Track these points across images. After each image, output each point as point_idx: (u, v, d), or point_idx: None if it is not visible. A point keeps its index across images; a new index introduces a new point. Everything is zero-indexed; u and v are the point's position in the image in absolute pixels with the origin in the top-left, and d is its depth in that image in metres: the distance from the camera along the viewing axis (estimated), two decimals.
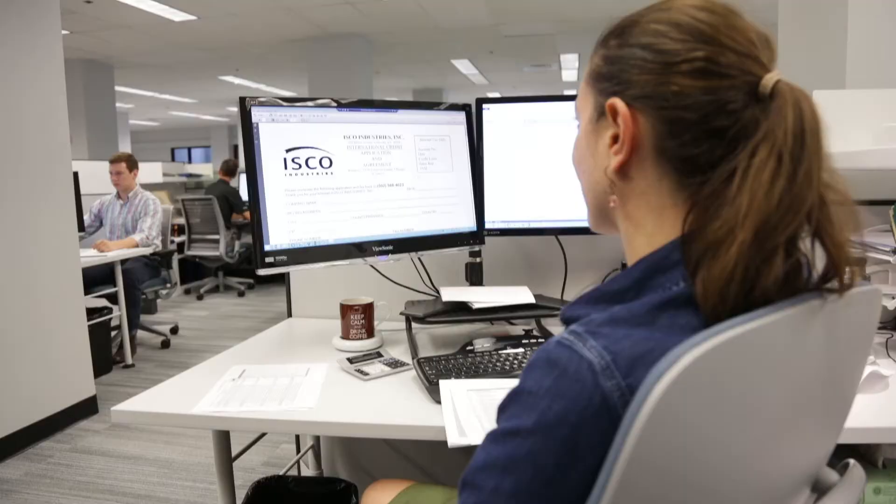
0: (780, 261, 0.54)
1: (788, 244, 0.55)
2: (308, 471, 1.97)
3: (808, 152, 0.54)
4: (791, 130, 0.54)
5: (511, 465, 0.53)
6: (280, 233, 1.33)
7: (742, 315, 0.52)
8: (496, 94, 14.03)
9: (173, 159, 19.93)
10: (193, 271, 6.87)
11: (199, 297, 6.40)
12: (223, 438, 1.40)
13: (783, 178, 0.53)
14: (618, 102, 0.61)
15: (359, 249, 1.43)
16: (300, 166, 1.36)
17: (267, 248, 1.32)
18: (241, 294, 6.51)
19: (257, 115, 1.33)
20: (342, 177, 1.41)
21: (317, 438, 1.96)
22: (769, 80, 0.56)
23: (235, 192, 6.56)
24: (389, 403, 1.20)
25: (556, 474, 0.51)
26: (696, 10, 0.59)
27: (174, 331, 4.88)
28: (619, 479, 0.48)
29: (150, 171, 7.23)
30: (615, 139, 0.62)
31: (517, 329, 1.70)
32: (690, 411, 0.49)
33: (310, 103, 1.39)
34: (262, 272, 1.33)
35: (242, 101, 1.32)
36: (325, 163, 1.39)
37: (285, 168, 1.34)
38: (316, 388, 1.26)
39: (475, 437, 1.01)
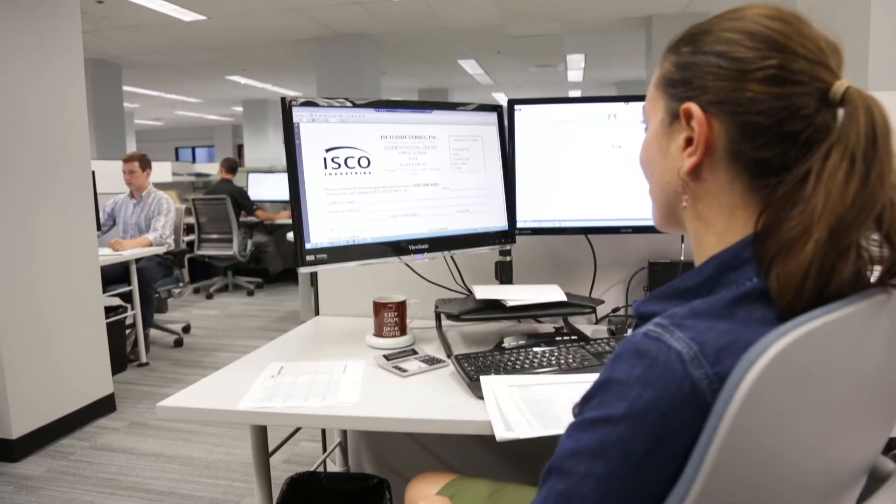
0: (852, 258, 0.57)
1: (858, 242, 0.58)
2: (334, 467, 2.00)
3: (880, 154, 0.57)
4: (863, 134, 0.57)
5: (602, 450, 0.55)
6: (320, 231, 1.35)
7: (817, 309, 0.55)
8: (501, 95, 14.05)
9: (177, 159, 19.97)
10: (202, 270, 6.90)
11: (209, 297, 6.43)
12: (261, 434, 1.42)
13: (857, 179, 0.56)
14: (693, 107, 0.63)
15: (396, 248, 1.46)
16: (339, 165, 1.38)
17: (308, 246, 1.34)
18: (250, 293, 6.53)
19: (298, 115, 1.35)
20: (380, 176, 1.43)
21: (344, 435, 1.98)
22: (840, 86, 0.59)
23: (243, 191, 6.58)
24: (431, 399, 1.22)
25: (644, 460, 0.54)
26: (767, 20, 0.61)
27: (186, 329, 4.91)
28: (711, 464, 0.51)
29: (159, 171, 7.24)
30: (688, 142, 0.65)
31: (545, 327, 1.72)
32: (777, 399, 0.52)
33: (348, 104, 1.42)
34: (303, 270, 1.35)
35: (284, 101, 1.34)
36: (364, 162, 1.41)
37: (325, 167, 1.37)
38: (356, 385, 1.28)
39: (522, 430, 1.03)
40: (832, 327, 0.54)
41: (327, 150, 1.37)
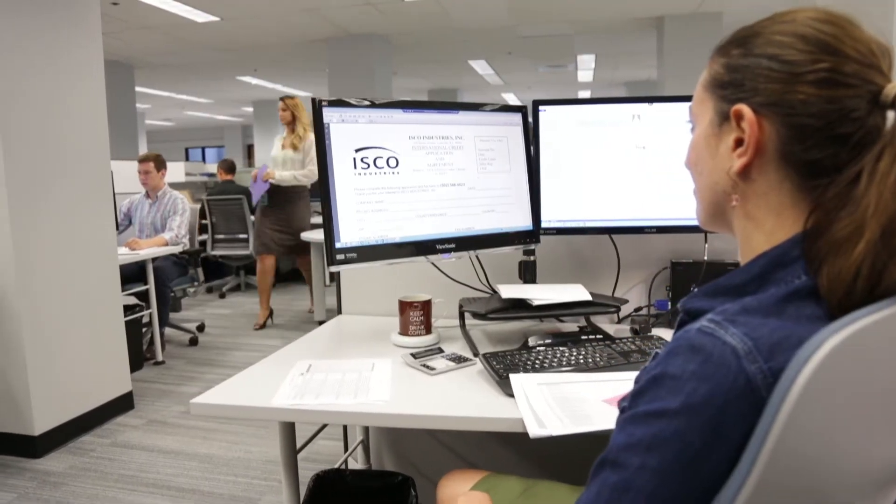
0: None
1: None
2: (356, 465, 2.01)
3: None
4: None
5: (657, 443, 0.56)
6: (350, 230, 1.37)
7: (868, 306, 0.56)
8: (510, 95, 14.05)
9: (187, 159, 20.06)
10: (215, 270, 6.93)
11: (222, 296, 6.46)
12: (289, 431, 1.43)
13: None
14: (744, 109, 0.64)
15: (423, 247, 1.47)
16: (368, 166, 1.40)
17: (338, 245, 1.36)
18: None
19: (328, 115, 1.37)
20: (407, 176, 1.44)
21: (366, 433, 2.00)
22: (891, 89, 0.60)
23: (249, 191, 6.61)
24: (461, 397, 1.24)
25: (699, 453, 0.55)
26: (818, 23, 0.62)
27: (201, 328, 4.94)
28: (767, 457, 0.52)
29: (172, 171, 7.28)
30: (738, 143, 0.66)
31: (567, 326, 1.74)
32: (831, 394, 0.53)
33: (377, 104, 1.43)
34: (333, 269, 1.36)
35: (314, 101, 1.36)
36: (392, 162, 1.43)
37: (355, 167, 1.38)
38: (386, 382, 1.30)
39: (555, 428, 1.04)
40: (885, 324, 0.56)
41: (357, 151, 1.39)
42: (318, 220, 6.32)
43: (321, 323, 4.93)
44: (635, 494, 0.57)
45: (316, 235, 4.77)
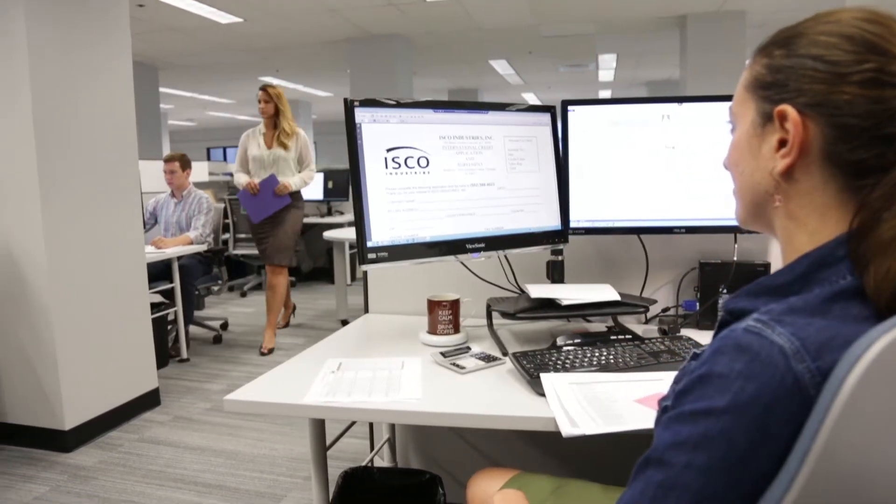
0: None
1: None
2: (382, 463, 2.03)
3: None
4: None
5: (704, 442, 0.56)
6: (381, 230, 1.38)
7: None
8: (530, 95, 14.02)
9: (209, 158, 20.22)
10: (236, 269, 7.00)
11: (243, 294, 6.52)
12: (320, 429, 1.44)
13: None
14: (788, 109, 0.64)
15: (453, 247, 1.48)
16: (399, 165, 1.41)
17: (370, 244, 1.37)
18: None
19: (360, 115, 1.38)
20: (438, 176, 1.45)
21: (392, 431, 2.01)
22: None
23: None
24: (492, 396, 1.24)
25: (746, 452, 0.55)
26: (864, 22, 0.62)
27: (224, 326, 4.99)
28: (816, 456, 0.52)
29: (195, 170, 7.36)
30: (782, 143, 0.66)
31: (594, 326, 1.73)
32: (881, 394, 0.53)
33: (408, 104, 1.44)
34: (364, 268, 1.38)
35: (346, 101, 1.37)
36: (423, 162, 1.44)
37: (386, 167, 1.40)
38: (417, 381, 1.31)
39: (587, 427, 1.04)
40: None
41: (388, 150, 1.40)
42: (328, 220, 6.37)
43: (344, 322, 4.97)
44: (680, 492, 0.57)
45: (337, 235, 4.80)
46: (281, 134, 4.26)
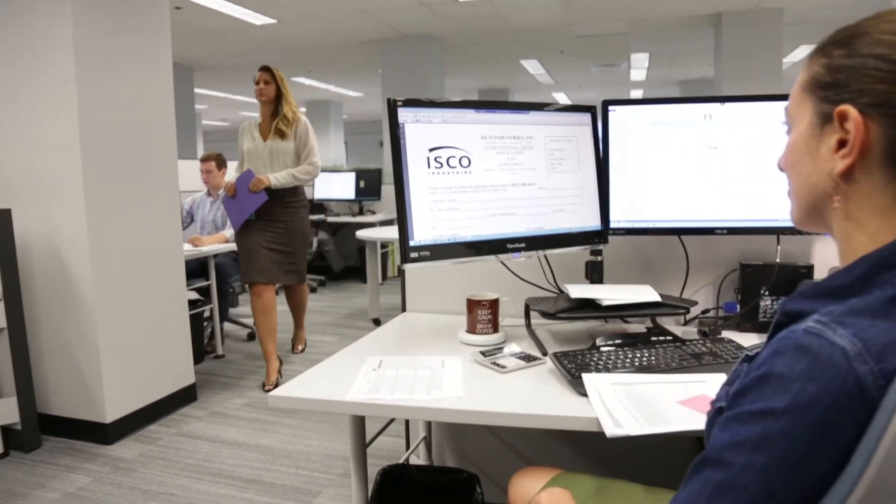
0: None
1: None
2: (417, 461, 2.04)
3: None
4: None
5: (763, 442, 0.56)
6: (424, 229, 1.40)
7: None
8: (561, 95, 13.94)
9: None
10: None
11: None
12: (360, 425, 1.46)
13: None
14: (850, 110, 0.63)
15: (494, 246, 1.49)
16: (441, 165, 1.42)
17: (412, 243, 1.38)
18: (313, 290, 6.66)
19: (403, 115, 1.39)
20: (479, 175, 1.46)
21: (429, 429, 2.02)
22: None
23: None
24: (533, 395, 1.25)
25: (806, 453, 0.55)
26: None
27: None
28: (881, 459, 0.52)
29: (228, 170, 7.48)
30: (841, 143, 0.65)
31: (633, 327, 1.73)
32: None
33: (450, 104, 1.45)
34: (407, 267, 1.39)
35: (389, 101, 1.39)
36: (465, 162, 1.45)
37: (428, 167, 1.41)
38: (458, 379, 1.32)
39: (631, 428, 1.04)
40: None
41: (430, 150, 1.41)
42: (360, 220, 6.42)
43: (376, 321, 4.99)
44: (739, 492, 0.57)
45: (369, 234, 4.83)
46: (281, 121, 3.60)
